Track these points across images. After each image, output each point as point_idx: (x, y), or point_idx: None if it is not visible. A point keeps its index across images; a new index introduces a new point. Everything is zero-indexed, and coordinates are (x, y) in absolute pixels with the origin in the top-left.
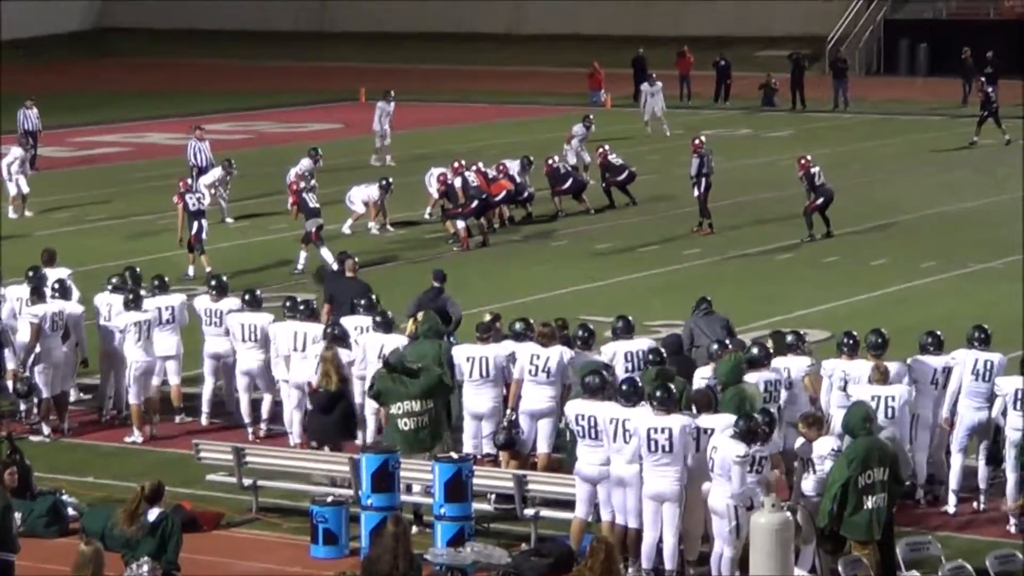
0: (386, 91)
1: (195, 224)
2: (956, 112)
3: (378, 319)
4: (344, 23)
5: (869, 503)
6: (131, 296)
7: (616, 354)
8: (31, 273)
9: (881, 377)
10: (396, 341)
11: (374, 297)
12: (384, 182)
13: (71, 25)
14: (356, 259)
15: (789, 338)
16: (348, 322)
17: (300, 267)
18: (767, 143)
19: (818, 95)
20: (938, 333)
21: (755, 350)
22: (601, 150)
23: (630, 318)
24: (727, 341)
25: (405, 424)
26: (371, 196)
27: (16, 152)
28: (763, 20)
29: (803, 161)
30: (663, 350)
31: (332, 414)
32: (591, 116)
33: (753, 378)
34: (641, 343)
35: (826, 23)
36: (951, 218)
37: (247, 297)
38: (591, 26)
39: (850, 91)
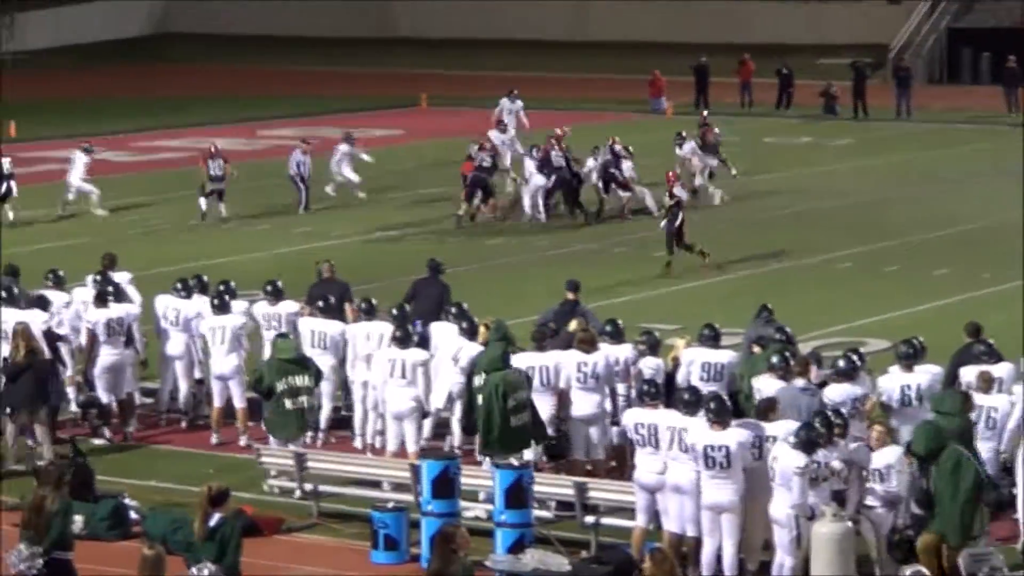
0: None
1: (3, 184)
2: (1019, 121)
3: (464, 325)
4: (405, 29)
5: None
6: (217, 301)
7: (694, 362)
8: (97, 278)
9: (986, 385)
10: (473, 348)
11: (464, 305)
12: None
13: (131, 30)
14: (331, 262)
15: (841, 363)
16: (435, 328)
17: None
18: (828, 151)
19: (880, 103)
20: (990, 342)
21: (842, 362)
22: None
23: (716, 326)
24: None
25: (295, 403)
26: None
27: None
28: (825, 28)
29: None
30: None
31: (21, 383)
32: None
33: (839, 391)
34: (723, 355)
35: (889, 31)
36: (1014, 228)
37: (321, 304)
38: (652, 33)
39: (913, 100)
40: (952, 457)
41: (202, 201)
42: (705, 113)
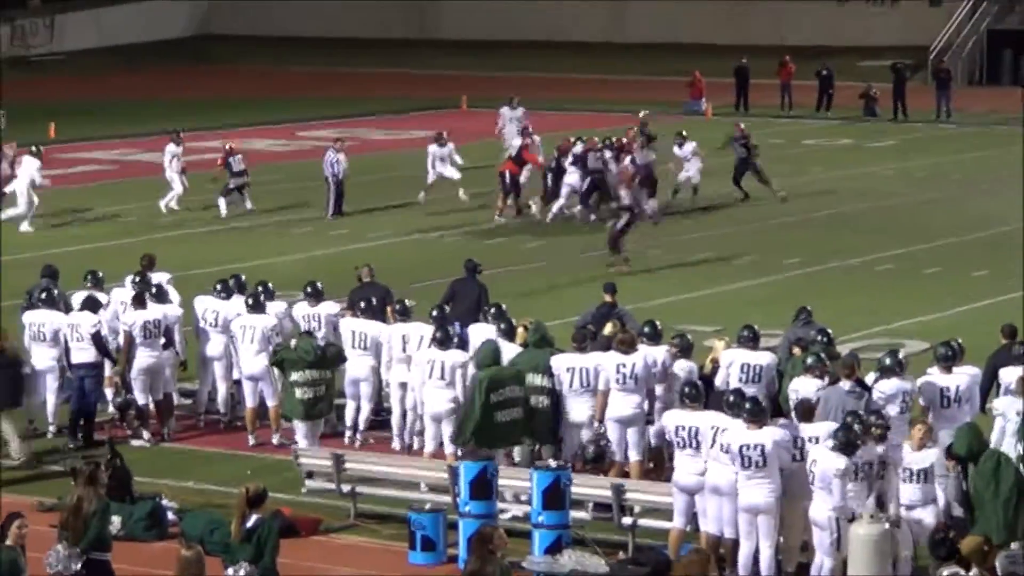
0: (510, 98)
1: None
2: None
3: (502, 326)
4: (445, 30)
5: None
6: (251, 301)
7: (733, 363)
8: (136, 279)
9: None
10: (512, 349)
11: (503, 306)
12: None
13: (173, 32)
14: (371, 266)
15: (888, 360)
16: (474, 330)
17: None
18: (868, 153)
19: (920, 105)
20: None
21: (888, 359)
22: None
23: (756, 327)
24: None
25: (305, 393)
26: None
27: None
28: (865, 30)
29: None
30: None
31: None
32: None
33: (890, 385)
34: (762, 357)
35: (928, 33)
36: None
37: (363, 306)
38: (692, 34)
39: (953, 101)
40: (992, 457)
41: (222, 201)
42: (644, 113)
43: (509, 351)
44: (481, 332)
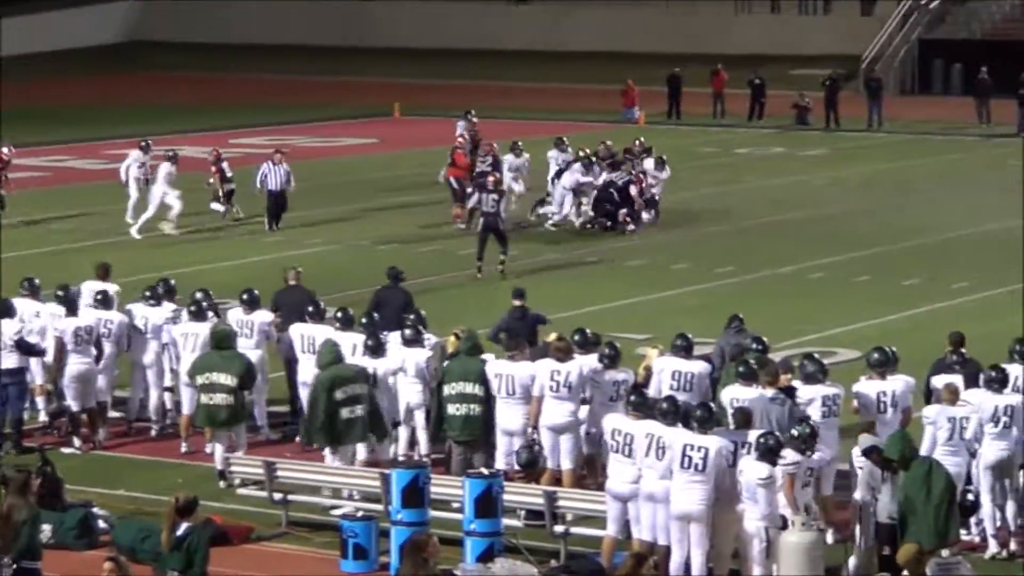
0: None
1: None
2: (990, 132)
3: (406, 334)
4: (377, 38)
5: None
6: (194, 308)
7: (664, 371)
8: (61, 291)
9: (952, 397)
10: (417, 356)
11: (423, 313)
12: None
13: (104, 38)
14: (299, 269)
15: (810, 367)
16: (395, 337)
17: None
18: (800, 162)
19: (852, 114)
20: (963, 351)
21: (810, 366)
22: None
23: (690, 336)
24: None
25: (209, 399)
26: None
27: None
28: (797, 39)
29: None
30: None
31: None
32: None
33: (810, 392)
34: (694, 366)
35: (861, 42)
36: (984, 238)
37: (311, 310)
38: (626, 43)
39: (884, 110)
40: (924, 463)
41: (217, 205)
42: (473, 118)
43: (414, 357)
44: (393, 338)
